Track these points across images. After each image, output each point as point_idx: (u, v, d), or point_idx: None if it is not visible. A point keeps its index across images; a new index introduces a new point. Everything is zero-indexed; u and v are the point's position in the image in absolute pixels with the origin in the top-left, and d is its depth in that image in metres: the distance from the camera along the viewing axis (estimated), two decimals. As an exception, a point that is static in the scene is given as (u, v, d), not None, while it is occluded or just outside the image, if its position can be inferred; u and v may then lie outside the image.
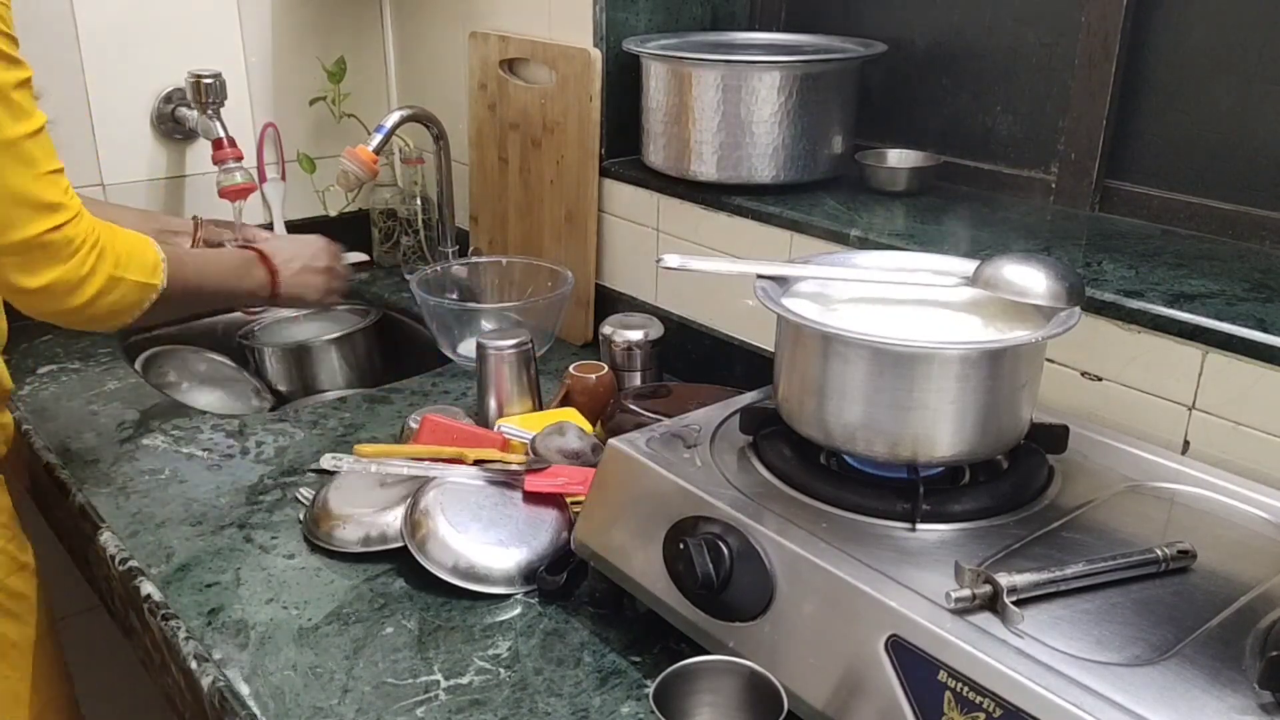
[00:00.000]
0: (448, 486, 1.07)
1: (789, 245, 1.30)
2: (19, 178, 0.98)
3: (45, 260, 1.01)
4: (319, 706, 0.87)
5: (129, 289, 1.08)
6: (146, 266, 1.10)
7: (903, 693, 0.71)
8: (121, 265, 1.07)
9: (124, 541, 1.11)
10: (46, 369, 1.53)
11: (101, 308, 1.06)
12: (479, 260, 1.68)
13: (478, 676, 0.91)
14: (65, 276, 1.02)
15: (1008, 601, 0.71)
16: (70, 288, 1.03)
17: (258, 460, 1.28)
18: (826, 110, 1.36)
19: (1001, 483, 0.88)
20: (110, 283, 1.06)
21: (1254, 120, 1.14)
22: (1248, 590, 0.76)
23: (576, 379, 1.33)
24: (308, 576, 1.05)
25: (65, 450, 1.30)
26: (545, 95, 1.59)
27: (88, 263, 1.04)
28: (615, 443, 0.95)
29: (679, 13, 1.55)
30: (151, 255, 1.11)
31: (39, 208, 1.00)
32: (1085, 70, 1.24)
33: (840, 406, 0.86)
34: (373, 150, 1.57)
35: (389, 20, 1.97)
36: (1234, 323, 0.94)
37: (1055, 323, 0.85)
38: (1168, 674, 0.67)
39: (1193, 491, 0.89)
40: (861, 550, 0.79)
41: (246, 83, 1.83)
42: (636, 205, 1.52)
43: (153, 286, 1.10)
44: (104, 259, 1.05)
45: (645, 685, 0.89)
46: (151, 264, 1.11)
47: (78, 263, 1.03)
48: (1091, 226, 1.23)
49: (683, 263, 0.96)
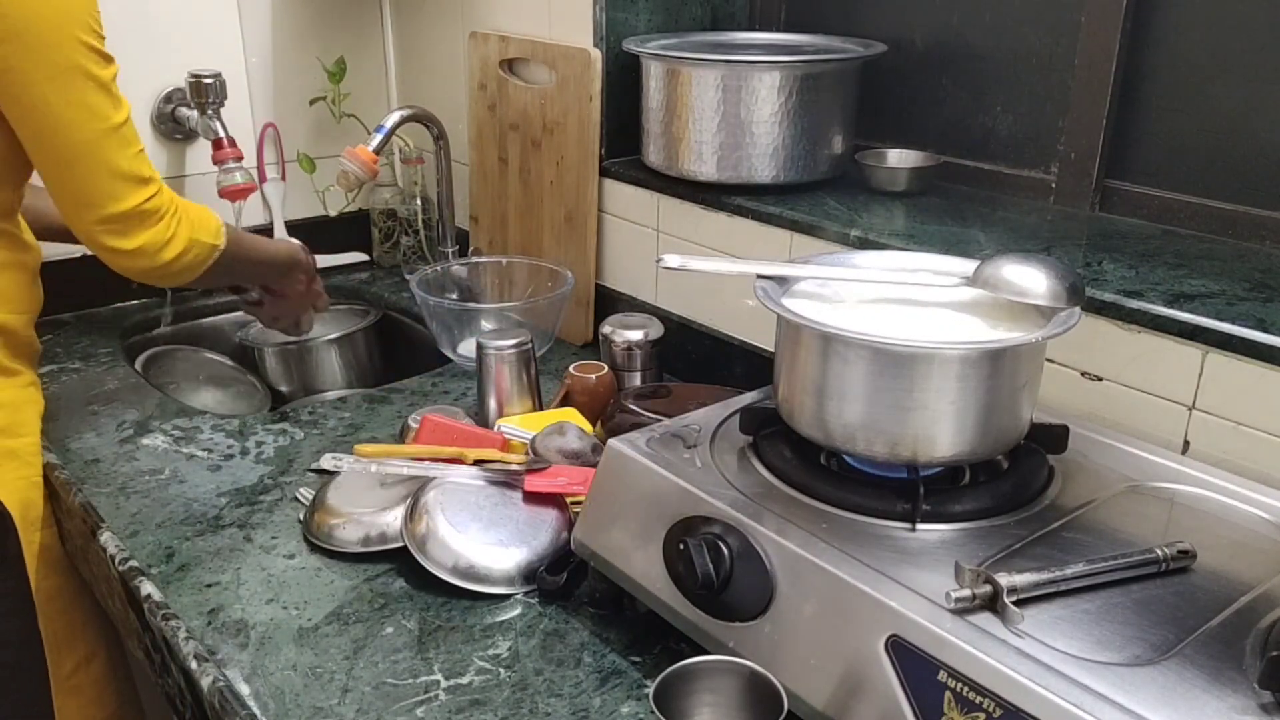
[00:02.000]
0: (448, 486, 1.07)
1: (789, 245, 1.30)
2: (122, 157, 1.14)
3: (139, 226, 1.17)
4: (319, 706, 0.87)
5: (201, 249, 1.24)
6: (211, 229, 1.26)
7: (903, 693, 0.71)
8: (196, 229, 1.23)
9: (124, 541, 1.11)
10: (46, 369, 1.53)
11: (181, 264, 1.22)
12: (479, 260, 1.69)
13: (478, 676, 0.91)
14: (155, 239, 1.18)
15: (1008, 601, 0.71)
16: (158, 248, 1.19)
17: (258, 460, 1.28)
18: (826, 110, 1.36)
19: (1001, 483, 0.88)
20: (189, 244, 1.22)
21: (1254, 120, 1.14)
22: (1248, 590, 0.76)
23: (576, 379, 1.33)
24: (308, 576, 1.05)
25: (65, 450, 1.30)
26: (545, 95, 1.59)
27: (171, 227, 1.20)
28: (615, 443, 0.95)
29: (679, 13, 1.55)
30: (214, 220, 1.27)
31: (138, 181, 1.16)
32: (1085, 70, 1.24)
33: (840, 407, 0.86)
34: (373, 150, 1.58)
35: (389, 20, 1.97)
36: (1234, 323, 0.94)
37: (1055, 323, 0.85)
38: (1168, 674, 0.67)
39: (1193, 491, 0.89)
40: (861, 550, 0.79)
41: (246, 83, 1.83)
42: (636, 205, 1.52)
43: (216, 247, 1.26)
44: (183, 224, 1.21)
45: (645, 685, 0.89)
46: (215, 227, 1.26)
47: (163, 227, 1.19)
48: (1091, 226, 1.23)
49: (683, 263, 0.96)
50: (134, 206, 1.15)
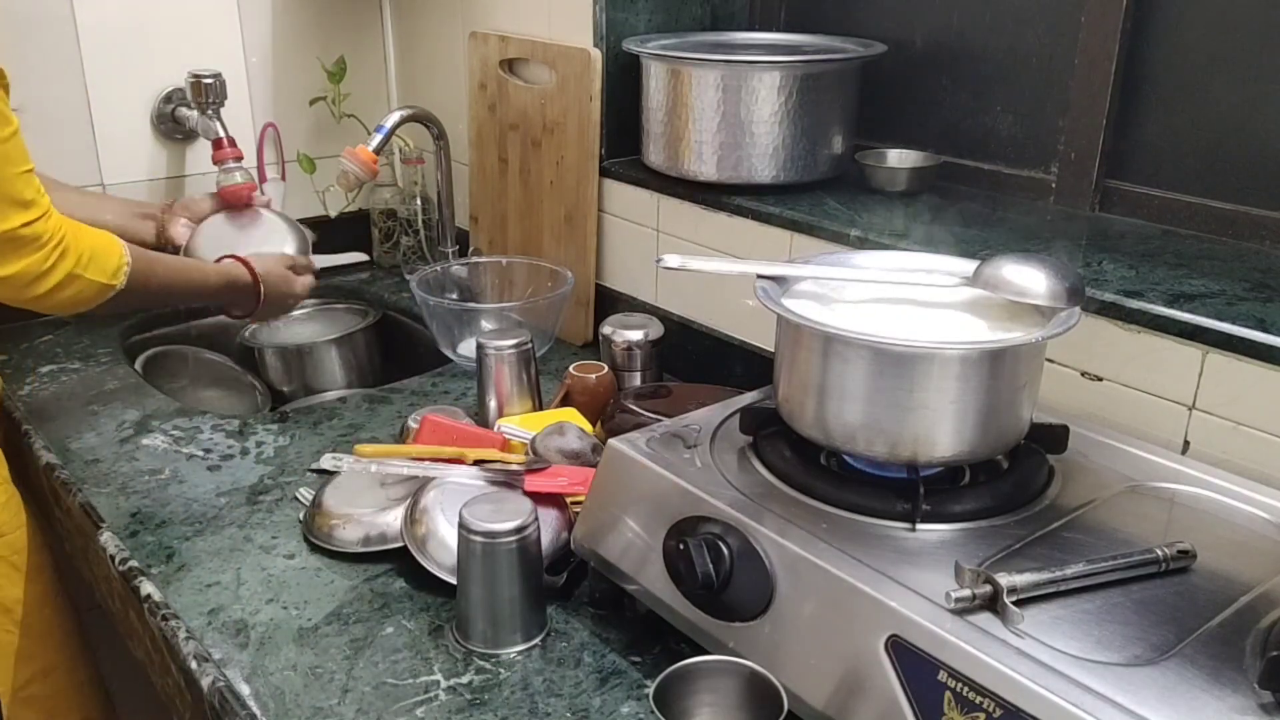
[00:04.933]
0: (448, 486, 1.07)
1: (789, 245, 1.30)
2: (2, 176, 1.05)
3: (13, 252, 1.08)
4: (319, 706, 0.87)
5: (85, 286, 1.15)
6: (108, 269, 1.16)
7: (903, 693, 0.71)
8: (82, 264, 1.13)
9: (124, 541, 1.11)
10: (47, 369, 1.53)
11: (59, 300, 1.14)
12: (479, 260, 1.68)
13: (478, 676, 0.91)
14: (28, 269, 1.09)
15: (1008, 601, 0.71)
16: (31, 280, 1.10)
17: (258, 460, 1.28)
18: (826, 110, 1.35)
19: (1002, 483, 0.88)
20: (68, 279, 1.12)
21: (1254, 120, 1.14)
22: (1248, 590, 0.76)
23: (576, 379, 1.33)
24: (308, 576, 1.05)
25: (65, 450, 1.30)
26: (545, 95, 1.59)
27: (51, 258, 1.10)
28: (615, 443, 0.95)
29: (679, 13, 1.55)
30: (115, 259, 1.17)
31: (14, 204, 1.07)
32: (1085, 70, 1.24)
33: (840, 406, 0.86)
34: (373, 150, 1.58)
35: (389, 20, 1.97)
36: (1234, 323, 0.94)
37: (1055, 323, 0.85)
38: (1168, 674, 0.67)
39: (1193, 491, 0.89)
40: (861, 550, 0.79)
41: (246, 83, 1.83)
42: (636, 205, 1.52)
43: (111, 287, 1.17)
44: (66, 256, 1.12)
45: (645, 685, 0.89)
46: (114, 267, 1.17)
47: (41, 257, 1.09)
48: (1091, 226, 1.23)
49: (683, 263, 0.96)
50: (9, 230, 1.06)
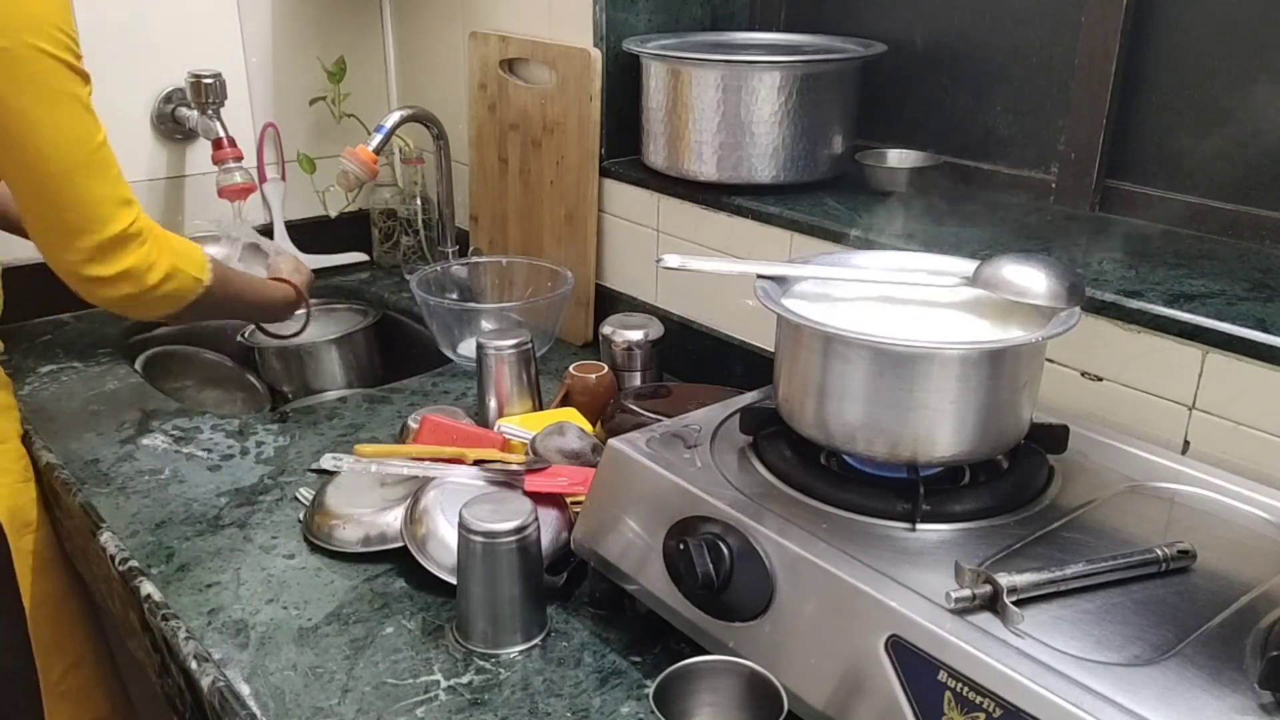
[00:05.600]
0: (448, 486, 1.07)
1: (789, 245, 1.30)
2: (106, 179, 1.09)
3: (123, 250, 1.11)
4: (319, 706, 0.87)
5: (183, 280, 1.18)
6: (196, 262, 1.20)
7: (903, 693, 0.71)
8: (179, 258, 1.17)
9: (124, 541, 1.11)
10: (47, 369, 1.53)
11: (164, 291, 1.16)
12: (479, 260, 1.68)
13: (478, 676, 0.91)
14: (138, 263, 1.12)
15: (1008, 601, 0.71)
16: (141, 273, 1.13)
17: (258, 460, 1.28)
18: (826, 110, 1.35)
19: (1001, 483, 0.88)
20: (171, 271, 1.16)
21: (1254, 120, 1.14)
22: (1248, 590, 0.76)
23: (576, 379, 1.33)
24: (308, 576, 1.05)
25: (65, 450, 1.30)
26: (545, 95, 1.59)
27: (154, 252, 1.14)
28: (615, 443, 0.95)
29: (679, 13, 1.55)
30: (199, 254, 1.22)
31: (121, 203, 1.10)
32: (1085, 70, 1.24)
33: (840, 406, 0.86)
34: (373, 150, 1.57)
35: (389, 20, 1.97)
36: (1234, 323, 0.94)
37: (1055, 323, 0.85)
38: (1168, 674, 0.67)
39: (1193, 491, 0.89)
40: (861, 550, 0.79)
41: (246, 83, 1.83)
42: (636, 205, 1.52)
43: (201, 281, 1.20)
44: (164, 250, 1.15)
45: (645, 685, 0.89)
46: (200, 261, 1.21)
47: (146, 251, 1.13)
48: (1091, 226, 1.23)
49: (683, 263, 0.96)
50: (123, 230, 1.10)
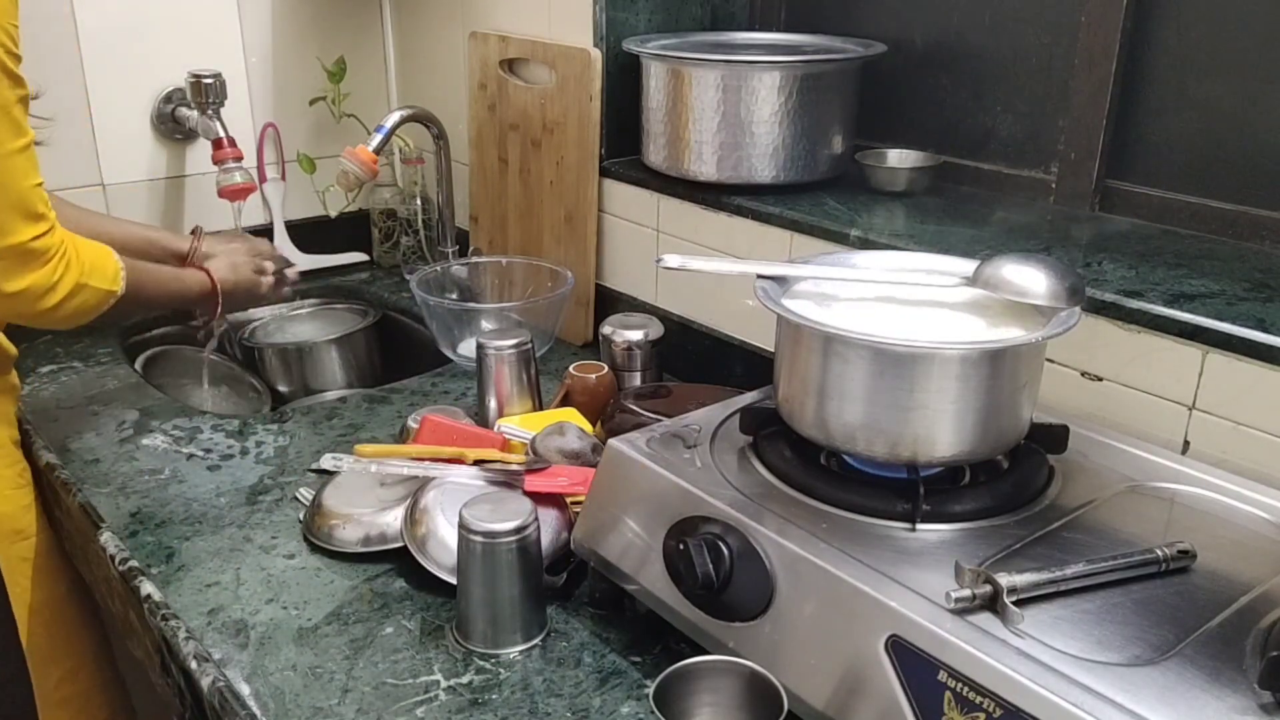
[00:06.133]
0: (448, 487, 1.07)
1: (789, 245, 1.30)
2: (13, 188, 1.05)
3: (24, 266, 1.08)
4: (319, 706, 0.87)
5: (91, 294, 1.15)
6: (108, 275, 1.17)
7: (903, 693, 0.71)
8: (86, 273, 1.14)
9: (124, 541, 1.11)
10: (47, 369, 1.53)
11: (67, 310, 1.14)
12: (479, 260, 1.68)
13: (478, 676, 0.91)
14: (39, 282, 1.09)
15: (1008, 601, 0.71)
16: (42, 293, 1.10)
17: (258, 460, 1.28)
18: (826, 110, 1.35)
19: (1001, 483, 0.88)
20: (76, 289, 1.13)
21: (1254, 120, 1.14)
22: (1248, 590, 0.76)
23: (576, 379, 1.33)
24: (308, 576, 1.05)
25: (65, 450, 1.30)
26: (545, 95, 1.59)
27: (58, 271, 1.11)
28: (615, 443, 0.95)
29: (679, 13, 1.55)
30: (112, 265, 1.19)
31: (28, 216, 1.07)
32: (1085, 70, 1.24)
33: (840, 406, 0.86)
34: (373, 150, 1.57)
35: (389, 20, 1.97)
36: (1234, 323, 0.94)
37: (1055, 323, 0.85)
38: (1168, 674, 0.67)
39: (1193, 491, 0.89)
40: (861, 550, 0.79)
41: (246, 83, 1.83)
42: (636, 205, 1.52)
43: (112, 293, 1.18)
44: (71, 268, 1.12)
45: (645, 685, 0.89)
46: (112, 273, 1.18)
47: (50, 270, 1.10)
48: (1091, 226, 1.23)
49: (683, 263, 0.96)
50: (22, 242, 1.06)
